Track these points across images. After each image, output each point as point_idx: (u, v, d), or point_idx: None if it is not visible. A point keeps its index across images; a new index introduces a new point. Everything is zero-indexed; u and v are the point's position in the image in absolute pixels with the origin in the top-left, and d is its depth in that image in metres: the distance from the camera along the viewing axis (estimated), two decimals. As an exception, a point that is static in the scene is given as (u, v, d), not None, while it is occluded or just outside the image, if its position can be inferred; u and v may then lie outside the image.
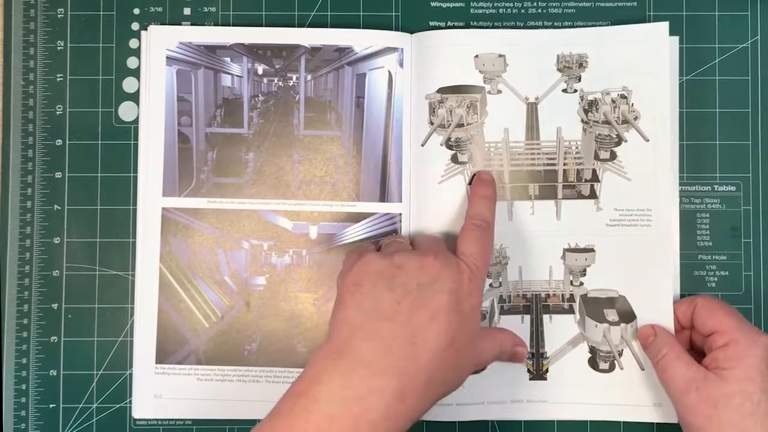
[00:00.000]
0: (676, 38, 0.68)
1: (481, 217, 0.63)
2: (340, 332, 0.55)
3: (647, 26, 0.68)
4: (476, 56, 0.68)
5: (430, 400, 0.55)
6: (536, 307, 0.68)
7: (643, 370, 0.67)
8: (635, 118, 0.67)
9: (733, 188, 0.69)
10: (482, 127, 0.68)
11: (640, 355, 0.67)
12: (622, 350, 0.67)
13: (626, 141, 0.67)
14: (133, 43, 0.70)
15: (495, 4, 0.70)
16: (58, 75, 0.70)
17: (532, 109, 0.68)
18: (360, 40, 0.69)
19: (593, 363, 0.68)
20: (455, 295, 0.56)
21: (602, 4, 0.70)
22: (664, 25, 0.68)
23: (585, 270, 0.68)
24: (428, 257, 0.57)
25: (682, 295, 0.68)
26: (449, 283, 0.56)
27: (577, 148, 0.68)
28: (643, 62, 0.68)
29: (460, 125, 0.68)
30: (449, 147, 0.68)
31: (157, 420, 0.69)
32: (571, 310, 0.68)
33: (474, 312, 0.58)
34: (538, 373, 0.68)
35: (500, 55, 0.68)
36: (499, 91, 0.68)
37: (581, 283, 0.68)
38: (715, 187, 0.69)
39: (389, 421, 0.52)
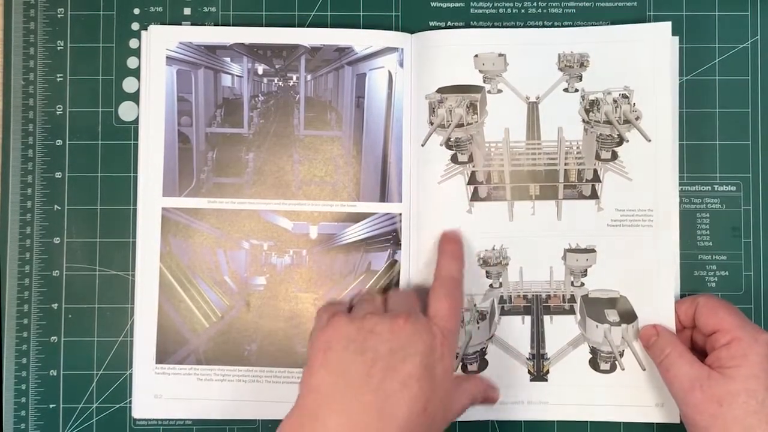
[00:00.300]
0: (676, 38, 0.68)
1: (449, 276, 0.63)
2: (308, 400, 0.55)
3: (649, 26, 0.68)
4: (476, 56, 0.68)
5: None
6: (537, 307, 0.68)
7: (644, 370, 0.67)
8: (637, 118, 0.67)
9: (733, 188, 0.69)
10: (482, 126, 0.68)
11: (641, 356, 0.67)
12: (623, 351, 0.67)
13: (628, 141, 0.67)
14: (133, 43, 0.70)
15: (495, 4, 0.70)
16: (58, 75, 0.70)
17: (533, 109, 0.68)
18: (360, 40, 0.69)
19: (594, 364, 0.68)
20: (427, 360, 0.56)
21: (602, 4, 0.70)
22: (667, 25, 0.68)
23: (586, 270, 0.68)
24: (399, 320, 0.57)
25: (682, 295, 0.68)
26: (421, 347, 0.56)
27: (578, 147, 0.68)
28: (645, 62, 0.67)
29: (459, 125, 0.68)
30: (449, 147, 0.68)
31: (157, 420, 0.69)
32: (571, 311, 0.68)
33: (446, 375, 0.58)
34: (539, 374, 0.68)
35: (500, 55, 0.68)
36: (500, 91, 0.68)
37: (582, 284, 0.68)
38: (715, 187, 0.69)
39: None
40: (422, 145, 0.68)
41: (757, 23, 0.70)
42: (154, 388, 0.68)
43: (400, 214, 0.68)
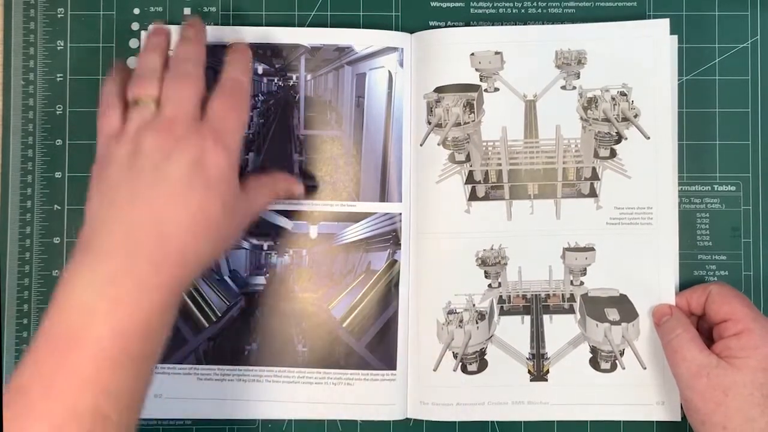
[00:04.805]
0: (675, 37, 0.68)
1: (231, 77, 0.61)
2: (85, 229, 0.55)
3: (647, 22, 0.68)
4: (472, 54, 0.68)
5: (193, 266, 0.56)
6: (536, 307, 0.68)
7: (645, 369, 0.67)
8: (635, 116, 0.67)
9: (733, 188, 0.69)
10: (479, 125, 0.68)
11: (641, 354, 0.67)
12: (624, 350, 0.67)
13: (626, 138, 0.67)
14: (133, 43, 0.70)
15: (495, 4, 0.70)
16: (58, 75, 0.70)
17: (530, 107, 0.68)
18: (360, 39, 0.69)
19: (594, 363, 0.67)
20: (196, 165, 0.55)
21: (602, 4, 0.70)
22: (665, 22, 0.67)
23: (585, 269, 0.68)
24: (163, 133, 0.56)
25: (680, 295, 0.68)
26: (187, 154, 0.55)
27: (576, 146, 0.68)
28: (643, 59, 0.67)
29: (456, 124, 0.68)
30: (446, 146, 0.68)
31: (156, 420, 0.69)
32: (571, 310, 0.68)
33: (223, 175, 0.57)
34: (539, 374, 0.67)
35: (497, 53, 0.68)
36: (497, 89, 0.68)
37: (581, 283, 0.68)
38: (715, 187, 0.69)
39: (150, 293, 0.52)
40: (420, 145, 0.68)
41: (757, 23, 0.70)
42: (154, 388, 0.68)
43: (400, 214, 0.68)
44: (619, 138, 0.67)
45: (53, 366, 0.50)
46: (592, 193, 0.68)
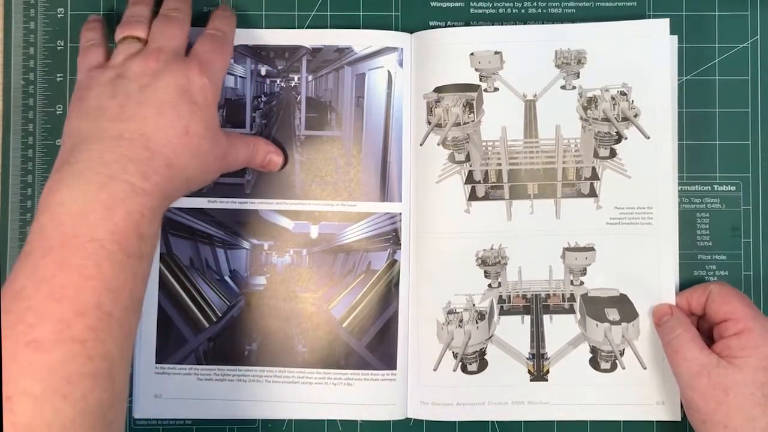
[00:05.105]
0: (675, 37, 0.68)
1: (215, 27, 0.65)
2: (67, 143, 0.56)
3: (647, 22, 0.68)
4: (472, 54, 0.68)
5: (178, 182, 0.58)
6: (536, 307, 0.68)
7: (645, 369, 0.67)
8: (635, 115, 0.67)
9: (733, 188, 0.69)
10: (479, 125, 0.68)
11: (641, 354, 0.67)
12: (624, 349, 0.67)
13: (626, 138, 0.67)
14: (133, 43, 0.70)
15: (495, 4, 0.70)
16: (58, 75, 0.70)
17: (530, 107, 0.68)
18: (359, 40, 0.69)
19: (594, 363, 0.67)
20: (182, 88, 0.58)
21: (602, 4, 0.70)
22: (665, 22, 0.67)
23: (585, 269, 0.67)
24: (151, 59, 0.59)
25: (681, 295, 0.68)
26: (174, 78, 0.58)
27: (576, 145, 0.68)
28: (643, 59, 0.67)
29: (456, 124, 0.68)
30: (446, 146, 0.68)
31: (157, 420, 0.69)
32: (571, 310, 0.68)
33: (207, 102, 0.60)
34: (539, 374, 0.68)
35: (496, 53, 0.68)
36: (496, 89, 0.68)
37: (581, 283, 0.68)
38: (715, 187, 0.69)
39: (140, 197, 0.54)
40: (420, 145, 0.68)
41: (757, 23, 0.70)
42: (154, 388, 0.68)
43: (400, 214, 0.68)
44: (619, 138, 0.67)
45: (52, 267, 0.50)
46: (592, 193, 0.68)
